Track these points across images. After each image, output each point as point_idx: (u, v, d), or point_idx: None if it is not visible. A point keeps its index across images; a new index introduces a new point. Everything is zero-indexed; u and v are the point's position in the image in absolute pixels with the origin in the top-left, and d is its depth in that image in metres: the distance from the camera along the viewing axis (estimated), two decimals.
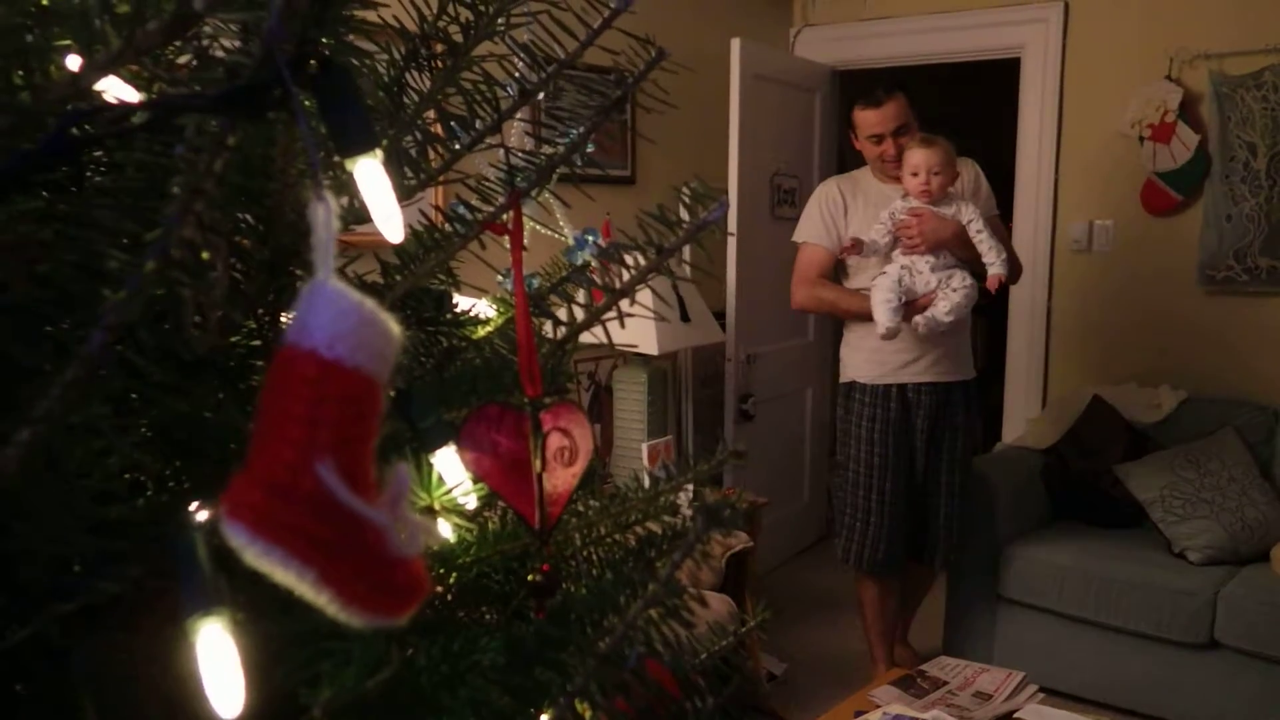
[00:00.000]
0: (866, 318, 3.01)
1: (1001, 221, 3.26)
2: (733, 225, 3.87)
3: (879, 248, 2.98)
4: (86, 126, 0.43)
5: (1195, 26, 3.88)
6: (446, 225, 0.73)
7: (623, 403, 3.60)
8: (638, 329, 2.86)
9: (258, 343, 0.69)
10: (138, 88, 0.50)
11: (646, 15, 0.68)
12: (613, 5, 0.64)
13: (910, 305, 2.93)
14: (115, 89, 0.47)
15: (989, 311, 4.29)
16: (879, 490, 3.11)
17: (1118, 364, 4.14)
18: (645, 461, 3.31)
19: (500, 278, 0.80)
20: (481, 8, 0.74)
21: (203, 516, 0.61)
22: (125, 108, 0.43)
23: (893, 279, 2.93)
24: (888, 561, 3.16)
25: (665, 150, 3.85)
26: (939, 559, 3.25)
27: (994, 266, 2.94)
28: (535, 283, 0.80)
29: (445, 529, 0.68)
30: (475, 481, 0.65)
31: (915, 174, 2.92)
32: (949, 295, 2.93)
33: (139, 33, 0.46)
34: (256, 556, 0.41)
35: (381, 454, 0.45)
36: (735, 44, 3.91)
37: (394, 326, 0.44)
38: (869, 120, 3.07)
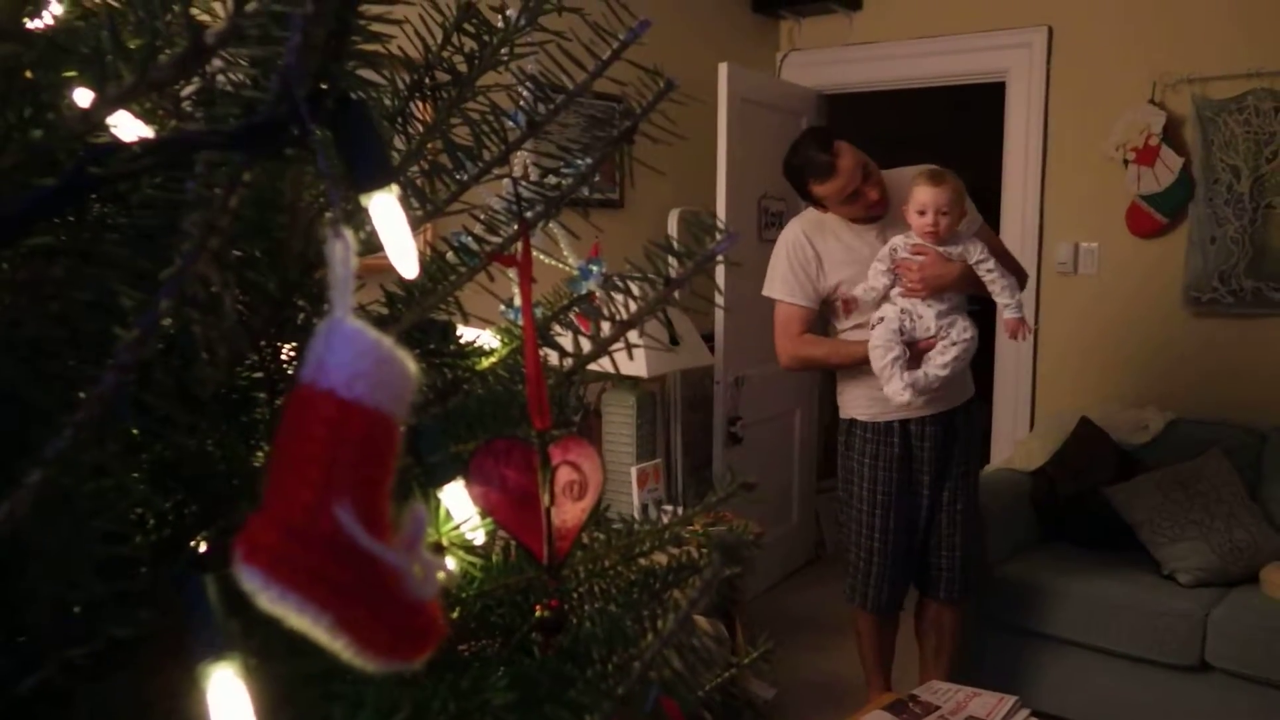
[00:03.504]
0: (864, 361, 2.85)
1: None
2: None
3: (877, 292, 2.78)
4: (100, 164, 0.42)
5: (1178, 50, 3.92)
6: (450, 256, 0.73)
7: (611, 426, 3.59)
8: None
9: (259, 375, 0.68)
10: (148, 123, 0.49)
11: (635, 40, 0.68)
12: (621, 37, 0.64)
13: (912, 350, 2.74)
14: (126, 124, 0.47)
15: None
16: (881, 529, 2.96)
17: (1105, 386, 4.16)
18: (634, 485, 3.30)
19: (503, 308, 0.79)
20: (486, 38, 0.74)
21: (204, 551, 0.60)
22: (142, 144, 0.42)
23: (892, 328, 2.74)
24: (890, 603, 3.05)
25: (653, 174, 3.85)
26: (952, 591, 3.05)
27: (1009, 310, 2.76)
28: (538, 313, 0.79)
29: (450, 564, 0.67)
30: (483, 516, 0.64)
31: (922, 213, 2.72)
32: (947, 349, 2.73)
33: (151, 67, 0.46)
34: (272, 601, 0.40)
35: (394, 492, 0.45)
36: (723, 68, 3.93)
37: (411, 364, 0.43)
38: (834, 189, 2.81)
